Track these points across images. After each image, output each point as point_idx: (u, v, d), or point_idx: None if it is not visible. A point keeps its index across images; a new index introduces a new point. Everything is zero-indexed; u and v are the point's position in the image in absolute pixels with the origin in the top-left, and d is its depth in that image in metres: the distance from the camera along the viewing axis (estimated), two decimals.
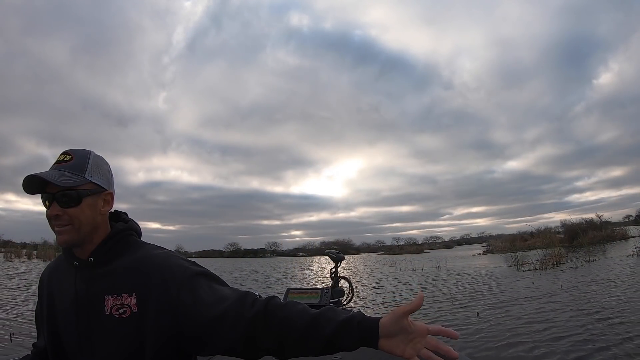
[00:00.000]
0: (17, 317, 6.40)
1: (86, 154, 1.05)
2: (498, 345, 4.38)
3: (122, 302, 0.99)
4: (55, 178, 0.97)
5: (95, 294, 1.00)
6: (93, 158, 1.06)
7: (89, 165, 1.03)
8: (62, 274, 1.08)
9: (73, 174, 1.00)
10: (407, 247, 57.27)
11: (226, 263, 40.84)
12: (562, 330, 4.74)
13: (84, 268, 1.03)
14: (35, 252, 27.32)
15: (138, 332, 0.97)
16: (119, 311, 0.98)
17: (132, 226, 1.12)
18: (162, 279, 0.99)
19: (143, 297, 0.98)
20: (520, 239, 27.22)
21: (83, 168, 1.02)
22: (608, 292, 7.10)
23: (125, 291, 0.99)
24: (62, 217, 0.98)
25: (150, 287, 0.98)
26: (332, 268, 3.41)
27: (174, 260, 1.03)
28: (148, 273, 1.00)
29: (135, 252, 1.05)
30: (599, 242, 19.80)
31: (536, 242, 21.11)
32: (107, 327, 0.98)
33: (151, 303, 0.97)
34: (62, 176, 0.98)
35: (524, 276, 11.01)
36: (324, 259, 41.61)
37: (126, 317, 0.98)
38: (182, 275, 1.00)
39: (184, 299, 0.97)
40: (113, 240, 1.05)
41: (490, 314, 6.17)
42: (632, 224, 28.88)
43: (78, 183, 1.00)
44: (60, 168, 1.00)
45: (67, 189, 0.98)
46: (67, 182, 0.98)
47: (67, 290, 1.04)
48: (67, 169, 1.00)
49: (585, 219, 23.24)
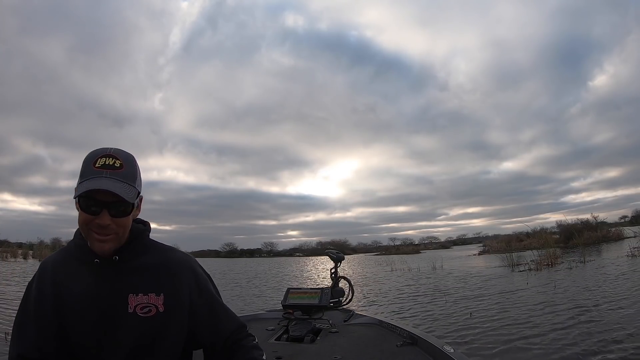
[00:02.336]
0: (12, 317, 6.37)
1: (133, 161, 1.03)
2: (491, 345, 4.43)
3: (147, 301, 1.01)
4: (122, 192, 0.95)
5: (118, 292, 1.01)
6: (137, 164, 1.04)
7: (138, 174, 1.03)
8: (74, 271, 1.05)
9: (129, 185, 0.98)
10: (404, 248, 57.25)
11: (222, 263, 40.72)
12: (554, 331, 4.78)
13: (106, 266, 1.02)
14: (31, 252, 27.03)
15: (161, 330, 1.01)
16: (144, 310, 1.00)
17: (149, 227, 1.14)
18: (189, 282, 1.07)
19: (171, 297, 1.03)
20: (516, 239, 27.25)
21: (134, 178, 1.01)
22: (601, 292, 7.15)
23: (152, 291, 1.02)
24: (109, 227, 0.97)
25: (179, 288, 1.04)
26: (332, 268, 3.46)
27: (197, 267, 1.15)
28: (176, 274, 1.05)
29: (159, 253, 1.09)
30: (595, 243, 19.86)
31: (532, 242, 21.15)
32: (129, 325, 1.00)
33: (178, 303, 1.03)
34: (125, 190, 0.97)
35: (518, 276, 11.06)
36: (321, 259, 41.63)
37: (151, 316, 1.01)
38: (205, 284, 1.13)
39: (201, 306, 1.09)
40: (137, 241, 1.07)
41: (483, 314, 6.21)
42: (628, 225, 28.96)
43: (135, 197, 1.00)
44: (114, 176, 0.97)
45: (129, 202, 0.97)
46: (131, 197, 0.97)
47: (84, 289, 1.02)
48: (122, 178, 0.98)
49: (581, 219, 23.33)
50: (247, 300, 9.70)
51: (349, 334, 2.45)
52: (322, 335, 2.43)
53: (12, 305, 7.52)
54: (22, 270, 16.33)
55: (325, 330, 2.50)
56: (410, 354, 2.01)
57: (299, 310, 2.81)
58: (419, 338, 2.13)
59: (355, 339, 2.33)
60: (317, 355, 2.06)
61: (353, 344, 2.24)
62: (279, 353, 2.10)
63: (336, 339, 2.33)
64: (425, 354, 1.97)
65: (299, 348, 2.20)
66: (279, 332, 2.49)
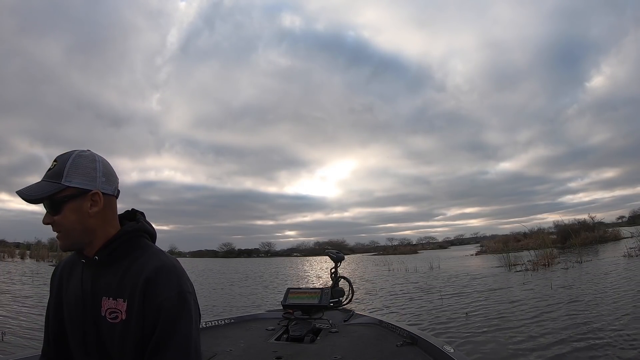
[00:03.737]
0: (8, 316, 6.35)
1: (66, 158, 1.01)
2: (486, 345, 4.45)
3: (115, 306, 0.98)
4: (26, 192, 0.97)
5: (96, 294, 1.00)
6: (73, 160, 1.01)
7: (66, 170, 1.00)
8: (73, 269, 1.09)
9: (50, 183, 0.99)
10: (401, 248, 57.24)
11: (220, 263, 40.70)
12: (550, 330, 4.81)
13: (90, 266, 1.03)
14: (28, 252, 26.95)
15: (122, 339, 0.96)
16: (112, 315, 0.98)
17: (143, 227, 1.08)
18: (151, 293, 0.95)
19: (131, 305, 0.97)
20: (514, 239, 27.38)
21: (60, 174, 0.99)
22: (597, 292, 7.19)
23: (119, 296, 0.98)
24: (54, 225, 1.00)
25: (136, 297, 0.96)
26: (332, 268, 3.46)
27: (170, 280, 0.98)
28: (144, 283, 0.96)
29: (140, 257, 1.02)
30: (592, 243, 19.93)
31: (529, 242, 21.26)
32: (101, 329, 0.99)
33: (135, 314, 0.96)
34: (34, 188, 0.98)
35: (515, 277, 11.10)
36: (319, 259, 41.64)
37: (116, 323, 0.97)
38: (170, 302, 0.96)
39: (152, 321, 0.95)
40: (119, 241, 1.03)
41: (479, 314, 6.24)
42: (625, 225, 29.02)
43: (51, 192, 0.98)
44: (45, 177, 1.01)
45: (40, 199, 0.98)
46: (36, 194, 0.97)
47: (75, 287, 1.05)
48: (48, 177, 1.00)
49: (578, 220, 23.40)
50: (247, 300, 9.71)
51: (349, 334, 2.46)
52: (322, 335, 2.43)
53: (3, 305, 7.51)
54: (22, 271, 16.28)
55: (325, 330, 2.51)
56: (410, 354, 2.02)
57: (299, 310, 2.81)
58: (419, 338, 2.14)
59: (355, 339, 2.34)
60: (317, 355, 2.07)
61: (353, 344, 2.25)
62: (279, 353, 2.10)
63: (336, 339, 2.34)
64: (425, 354, 1.98)
65: (299, 348, 2.21)
66: (279, 332, 2.49)
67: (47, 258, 24.38)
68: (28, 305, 7.57)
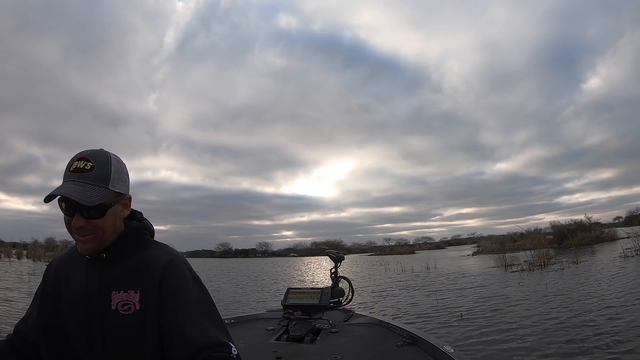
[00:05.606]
0: (5, 316, 6.33)
1: (107, 161, 1.02)
2: (481, 345, 4.47)
3: (127, 298, 1.01)
4: (81, 197, 0.95)
5: (104, 289, 1.02)
6: (114, 164, 1.04)
7: (111, 175, 1.02)
8: (73, 266, 1.09)
9: (98, 187, 0.99)
10: (398, 248, 57.29)
11: (217, 263, 40.60)
12: (545, 330, 4.85)
13: (95, 263, 1.04)
14: (25, 252, 26.81)
15: (140, 329, 0.99)
16: (124, 307, 1.00)
17: (145, 225, 1.14)
18: (163, 281, 1.01)
19: (146, 295, 1.00)
20: (510, 240, 27.45)
21: (106, 179, 1.00)
22: (593, 292, 7.23)
23: (131, 288, 1.01)
24: (85, 228, 0.99)
25: (152, 287, 1.01)
26: (332, 268, 3.47)
27: (180, 267, 1.05)
28: (154, 272, 1.02)
29: (146, 251, 1.07)
30: (588, 244, 20.03)
31: (526, 243, 21.35)
32: (113, 322, 1.00)
33: (151, 302, 1.00)
34: (88, 192, 0.97)
35: (511, 277, 11.14)
36: (316, 259, 41.61)
37: (130, 314, 1.00)
38: (181, 285, 1.02)
39: (167, 310, 0.99)
40: (126, 239, 1.07)
41: (474, 314, 6.27)
42: (622, 226, 29.09)
43: (104, 198, 0.99)
44: (82, 179, 0.98)
45: (97, 205, 0.97)
46: (95, 200, 0.97)
47: (77, 284, 1.06)
48: (91, 180, 0.98)
49: (574, 220, 23.51)
50: (246, 300, 9.70)
51: (349, 334, 2.46)
52: (322, 335, 2.44)
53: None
54: (18, 270, 16.21)
55: (325, 330, 2.51)
56: (410, 354, 2.02)
57: (299, 310, 2.81)
58: (419, 338, 2.15)
59: (355, 339, 2.34)
60: (317, 355, 2.07)
61: (353, 344, 2.26)
62: (279, 353, 2.11)
63: (336, 339, 2.35)
64: (425, 354, 1.99)
65: (299, 348, 2.21)
66: (279, 332, 2.50)
67: (44, 258, 24.25)
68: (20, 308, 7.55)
